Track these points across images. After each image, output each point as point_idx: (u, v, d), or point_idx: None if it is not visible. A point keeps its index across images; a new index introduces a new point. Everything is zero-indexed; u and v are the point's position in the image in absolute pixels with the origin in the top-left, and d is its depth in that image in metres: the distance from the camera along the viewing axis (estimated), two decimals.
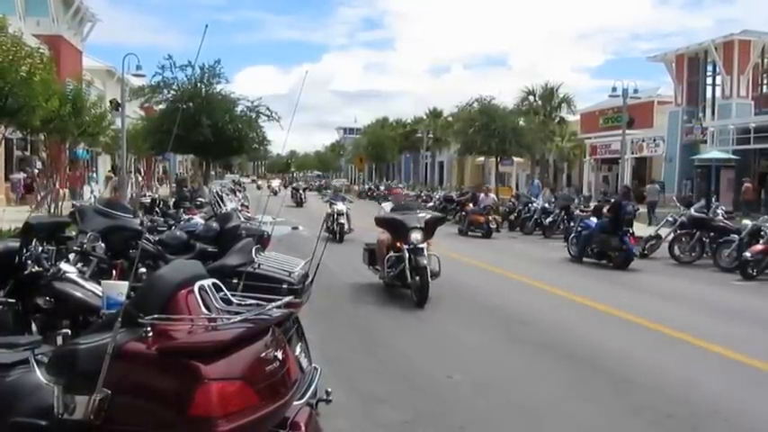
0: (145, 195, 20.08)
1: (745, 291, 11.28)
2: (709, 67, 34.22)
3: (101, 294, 3.65)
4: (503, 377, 6.13)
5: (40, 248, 4.34)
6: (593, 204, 19.43)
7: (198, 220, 9.20)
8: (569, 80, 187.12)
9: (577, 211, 17.51)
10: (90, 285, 4.22)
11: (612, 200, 15.70)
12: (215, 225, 7.31)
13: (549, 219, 20.18)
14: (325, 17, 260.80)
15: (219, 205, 11.37)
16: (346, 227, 17.21)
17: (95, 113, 20.28)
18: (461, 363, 6.49)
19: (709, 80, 34.63)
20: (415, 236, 9.16)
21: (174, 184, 31.93)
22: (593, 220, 14.65)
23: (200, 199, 16.23)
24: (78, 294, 4.13)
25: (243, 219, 9.43)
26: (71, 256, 4.79)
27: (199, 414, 2.21)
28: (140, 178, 37.96)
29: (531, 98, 41.64)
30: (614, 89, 29.25)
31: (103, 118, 21.58)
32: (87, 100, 19.81)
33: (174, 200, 16.48)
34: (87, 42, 34.60)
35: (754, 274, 12.18)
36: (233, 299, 2.80)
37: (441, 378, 5.99)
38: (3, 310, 4.08)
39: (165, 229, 8.33)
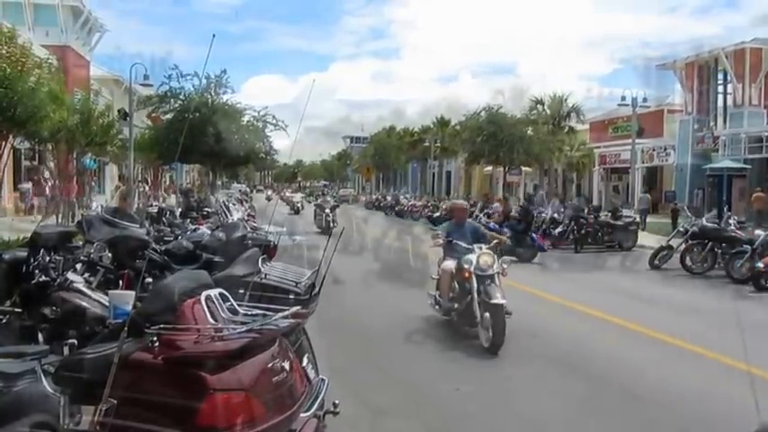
0: (152, 205, 20.13)
1: (758, 302, 11.14)
2: (720, 75, 34.00)
3: (107, 304, 3.64)
4: (511, 390, 6.06)
5: (48, 258, 4.34)
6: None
7: (204, 230, 9.22)
8: (577, 88, 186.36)
9: (481, 220, 17.84)
10: (96, 295, 4.21)
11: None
12: (221, 235, 7.30)
13: (559, 229, 20.03)
14: (331, 27, 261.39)
15: (226, 215, 11.38)
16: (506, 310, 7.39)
17: (103, 123, 20.37)
18: (469, 375, 6.42)
19: (719, 88, 34.43)
20: None
21: (179, 194, 32.12)
22: (502, 226, 16.84)
23: (206, 209, 16.30)
24: (85, 304, 4.11)
25: (249, 228, 9.42)
26: (78, 265, 4.78)
27: (204, 424, 2.18)
28: (147, 188, 38.09)
29: (540, 107, 41.61)
30: (623, 98, 29.16)
31: (111, 127, 21.68)
32: (95, 110, 19.90)
33: (180, 210, 16.54)
34: (95, 52, 34.92)
35: None
36: (239, 309, 2.78)
37: (449, 390, 5.93)
38: (9, 320, 4.07)
39: (171, 238, 8.34)
